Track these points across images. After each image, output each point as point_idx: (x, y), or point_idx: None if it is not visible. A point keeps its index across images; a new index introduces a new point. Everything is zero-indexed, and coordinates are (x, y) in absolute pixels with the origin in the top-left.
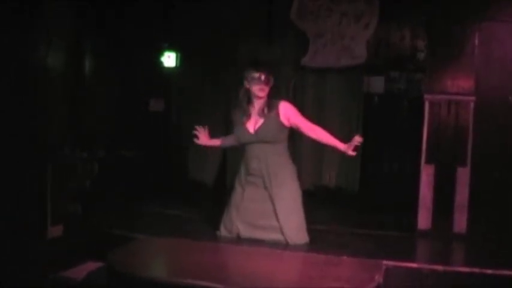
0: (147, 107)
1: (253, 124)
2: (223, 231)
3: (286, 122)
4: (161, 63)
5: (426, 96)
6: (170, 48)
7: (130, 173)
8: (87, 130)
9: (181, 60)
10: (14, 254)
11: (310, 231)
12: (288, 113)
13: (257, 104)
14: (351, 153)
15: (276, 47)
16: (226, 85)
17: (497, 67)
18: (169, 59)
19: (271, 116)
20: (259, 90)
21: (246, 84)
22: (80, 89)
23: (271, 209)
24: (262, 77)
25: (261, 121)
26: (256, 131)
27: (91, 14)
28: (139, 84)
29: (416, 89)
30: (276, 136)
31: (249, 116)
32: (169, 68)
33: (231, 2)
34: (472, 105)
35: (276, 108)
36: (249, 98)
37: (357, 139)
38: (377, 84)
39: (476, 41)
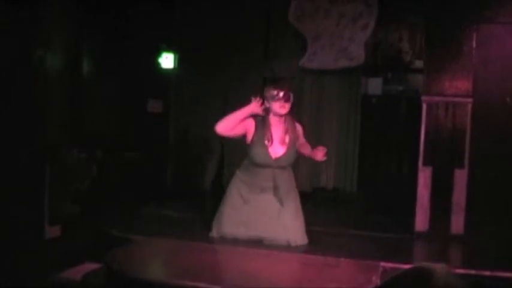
0: (146, 108)
1: (275, 150)
2: (215, 233)
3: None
4: (160, 64)
5: (424, 97)
6: (169, 49)
7: (128, 174)
8: (85, 131)
9: (180, 61)
10: (11, 254)
11: (308, 232)
12: (300, 134)
13: (278, 124)
14: (321, 158)
15: (274, 48)
16: (224, 86)
17: (495, 69)
18: (167, 60)
19: (292, 141)
20: (280, 107)
21: (266, 104)
22: (78, 89)
23: (276, 210)
24: (281, 94)
25: (282, 150)
26: (277, 159)
27: (90, 15)
28: (138, 85)
29: (414, 90)
30: (293, 160)
31: (270, 138)
32: (167, 69)
33: (229, 3)
34: (469, 106)
35: (295, 132)
36: (268, 117)
37: (321, 149)
38: (375, 85)
39: (474, 43)
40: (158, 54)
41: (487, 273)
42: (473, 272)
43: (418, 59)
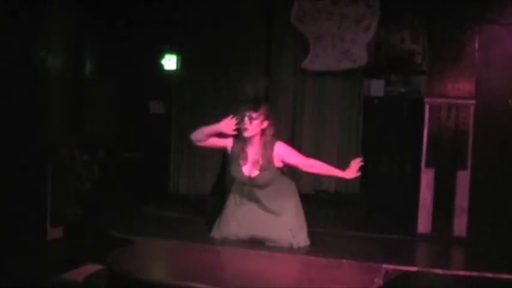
0: (147, 109)
1: (248, 169)
2: (216, 234)
3: (280, 164)
4: (162, 65)
5: (426, 99)
6: (171, 50)
7: (129, 174)
8: (87, 132)
9: (181, 62)
10: (13, 255)
11: (310, 234)
12: (282, 156)
13: (254, 144)
14: (355, 175)
15: (276, 50)
16: (227, 88)
17: (497, 70)
18: (170, 62)
19: (266, 162)
20: (243, 129)
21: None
22: (80, 90)
23: (275, 212)
24: (246, 116)
25: (257, 168)
26: (251, 179)
27: (91, 15)
28: (140, 86)
29: (416, 92)
30: (271, 180)
31: (245, 157)
32: (169, 71)
33: (231, 5)
34: (472, 108)
35: (271, 152)
36: (244, 136)
37: (357, 162)
38: (377, 87)
39: (477, 44)
40: (160, 55)
41: (489, 275)
42: (475, 274)
43: (420, 61)
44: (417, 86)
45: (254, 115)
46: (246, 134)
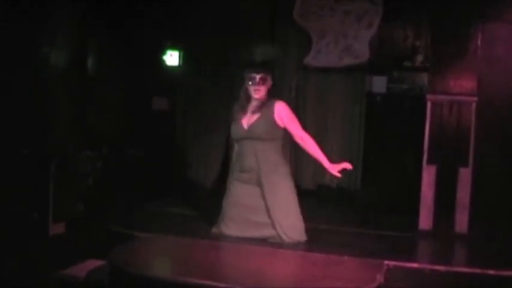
0: (151, 105)
1: (247, 120)
2: (217, 230)
3: (280, 122)
4: (164, 61)
5: (428, 96)
6: (173, 46)
7: (133, 171)
8: (90, 128)
9: (185, 58)
10: (16, 251)
11: (311, 230)
12: (282, 113)
13: (254, 103)
14: (335, 174)
15: (279, 46)
16: (229, 84)
17: (500, 68)
18: (172, 58)
19: (265, 113)
20: (254, 91)
21: (246, 84)
22: (83, 87)
23: (264, 205)
24: (257, 78)
25: (255, 117)
26: (249, 127)
27: (96, 12)
28: (143, 82)
29: (418, 88)
30: (269, 134)
31: (245, 113)
32: (172, 67)
33: (234, 1)
34: (474, 105)
35: (272, 106)
36: (247, 97)
37: (346, 165)
38: (379, 83)
39: (479, 42)
40: (163, 51)
41: (492, 272)
42: (477, 270)
43: (423, 57)
44: (419, 82)
45: (265, 77)
46: (257, 96)
